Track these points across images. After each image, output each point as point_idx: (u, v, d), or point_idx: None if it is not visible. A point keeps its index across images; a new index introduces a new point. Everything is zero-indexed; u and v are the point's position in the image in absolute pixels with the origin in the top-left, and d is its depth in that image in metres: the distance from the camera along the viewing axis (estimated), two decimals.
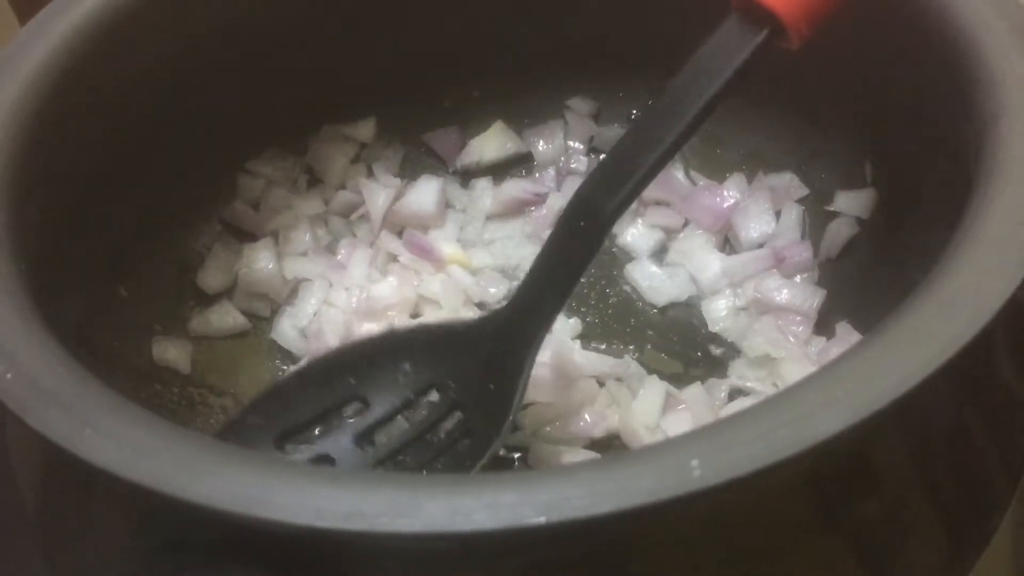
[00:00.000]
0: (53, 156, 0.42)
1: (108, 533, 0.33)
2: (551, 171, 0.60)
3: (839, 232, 0.52)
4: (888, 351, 0.29)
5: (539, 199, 0.59)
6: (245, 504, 0.27)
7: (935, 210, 0.42)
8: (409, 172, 0.60)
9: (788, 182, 0.55)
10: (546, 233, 0.56)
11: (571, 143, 0.61)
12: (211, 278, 0.55)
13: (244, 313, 0.54)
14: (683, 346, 0.53)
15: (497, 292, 0.55)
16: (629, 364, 0.50)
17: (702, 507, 0.28)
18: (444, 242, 0.57)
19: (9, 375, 0.31)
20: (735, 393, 0.50)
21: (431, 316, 0.54)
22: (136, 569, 0.30)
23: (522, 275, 0.55)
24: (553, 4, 0.56)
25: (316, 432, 0.43)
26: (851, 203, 0.52)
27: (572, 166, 0.60)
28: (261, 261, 0.55)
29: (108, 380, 0.32)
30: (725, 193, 0.56)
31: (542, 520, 0.26)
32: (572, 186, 0.58)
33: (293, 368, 0.53)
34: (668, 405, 0.49)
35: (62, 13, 0.44)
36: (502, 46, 0.58)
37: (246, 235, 0.57)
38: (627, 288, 0.55)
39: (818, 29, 0.39)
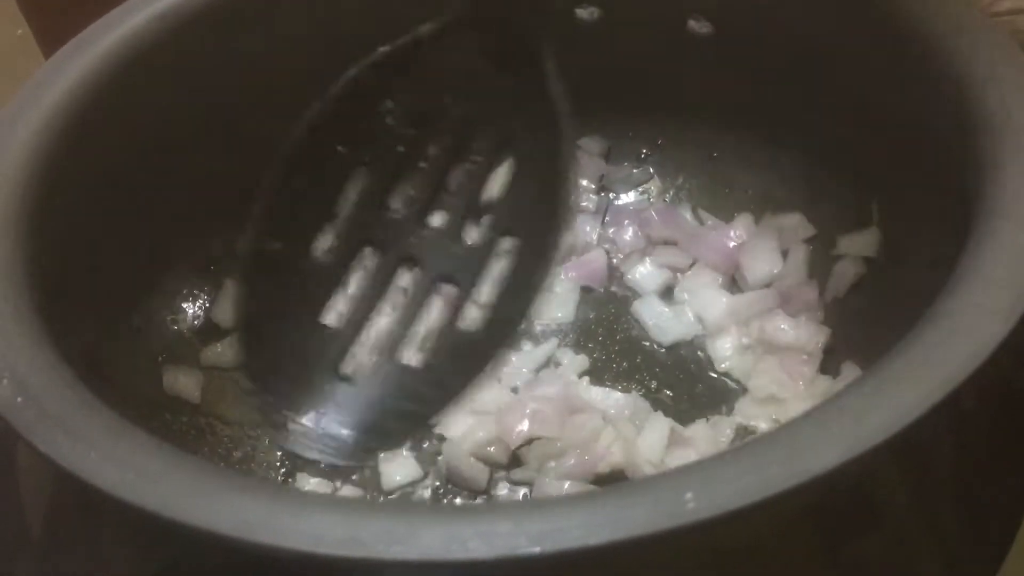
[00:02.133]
0: (68, 190, 0.43)
1: (112, 557, 0.34)
2: None
3: (846, 272, 0.52)
4: (884, 388, 0.30)
5: None
6: (246, 529, 0.27)
7: (940, 251, 0.42)
8: None
9: (796, 222, 0.56)
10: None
11: (582, 181, 0.61)
12: (225, 312, 0.55)
13: None
14: (689, 384, 0.53)
15: None
16: (635, 401, 0.51)
17: (697, 540, 0.28)
18: None
19: (19, 399, 0.31)
20: (740, 431, 0.50)
21: None
22: None
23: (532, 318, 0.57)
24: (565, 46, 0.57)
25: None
26: (857, 244, 0.52)
27: (583, 204, 0.61)
28: None
29: (119, 408, 0.32)
30: (732, 233, 0.56)
31: (536, 550, 0.26)
32: (582, 223, 0.59)
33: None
34: (673, 442, 0.49)
35: (83, 49, 0.45)
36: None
37: None
38: (634, 326, 0.56)
39: None
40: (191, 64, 0.49)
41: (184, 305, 0.54)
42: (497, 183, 0.39)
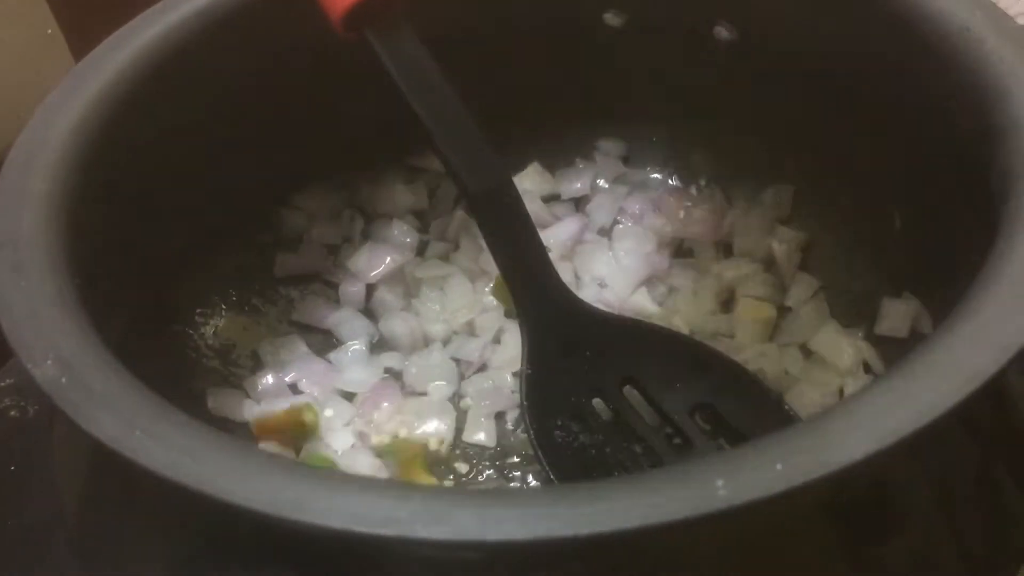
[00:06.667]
0: (105, 181, 0.43)
1: (149, 536, 0.34)
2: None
3: None
4: (909, 384, 0.30)
5: None
6: (285, 507, 0.28)
7: (964, 255, 0.42)
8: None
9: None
10: None
11: (599, 182, 0.62)
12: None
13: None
14: None
15: None
16: None
17: (726, 528, 0.29)
18: None
19: (63, 379, 0.32)
20: None
21: None
22: (177, 570, 0.31)
23: None
24: (591, 50, 0.58)
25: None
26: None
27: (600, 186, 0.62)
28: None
29: None
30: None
31: (570, 533, 0.27)
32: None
33: None
34: None
35: (122, 45, 0.46)
36: (541, 91, 0.59)
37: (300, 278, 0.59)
38: None
39: None
40: (227, 63, 0.50)
41: (211, 307, 0.55)
42: None
